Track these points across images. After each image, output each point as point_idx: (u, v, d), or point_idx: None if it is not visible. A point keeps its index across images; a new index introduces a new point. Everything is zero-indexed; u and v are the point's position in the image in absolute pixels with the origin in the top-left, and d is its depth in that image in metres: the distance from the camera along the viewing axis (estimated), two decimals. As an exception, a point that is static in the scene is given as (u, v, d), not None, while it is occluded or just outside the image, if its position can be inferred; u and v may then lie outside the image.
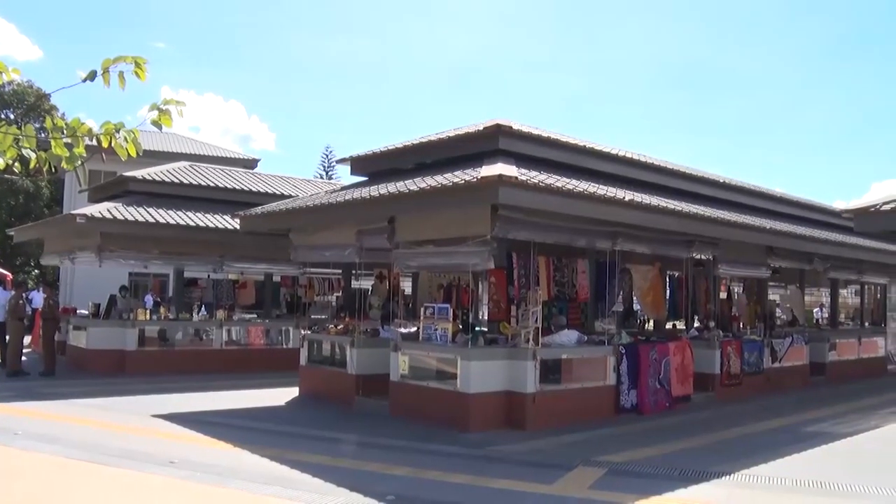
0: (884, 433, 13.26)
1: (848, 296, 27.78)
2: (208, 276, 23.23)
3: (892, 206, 12.64)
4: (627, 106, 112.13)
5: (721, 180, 18.96)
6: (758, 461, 10.30)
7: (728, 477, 9.44)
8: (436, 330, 12.81)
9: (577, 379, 12.96)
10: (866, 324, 24.96)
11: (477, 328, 12.88)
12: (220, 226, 19.28)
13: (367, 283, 20.94)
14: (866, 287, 25.24)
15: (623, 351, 13.72)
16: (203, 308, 21.22)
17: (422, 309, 13.79)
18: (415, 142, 15.57)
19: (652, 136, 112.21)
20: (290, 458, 9.81)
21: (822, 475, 9.76)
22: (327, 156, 67.85)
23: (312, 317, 21.14)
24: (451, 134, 14.73)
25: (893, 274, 23.32)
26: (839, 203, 13.53)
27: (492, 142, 13.58)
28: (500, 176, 11.00)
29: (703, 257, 16.30)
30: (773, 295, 24.39)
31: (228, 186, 21.39)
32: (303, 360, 16.12)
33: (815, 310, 28.39)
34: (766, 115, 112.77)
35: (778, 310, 23.67)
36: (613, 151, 15.92)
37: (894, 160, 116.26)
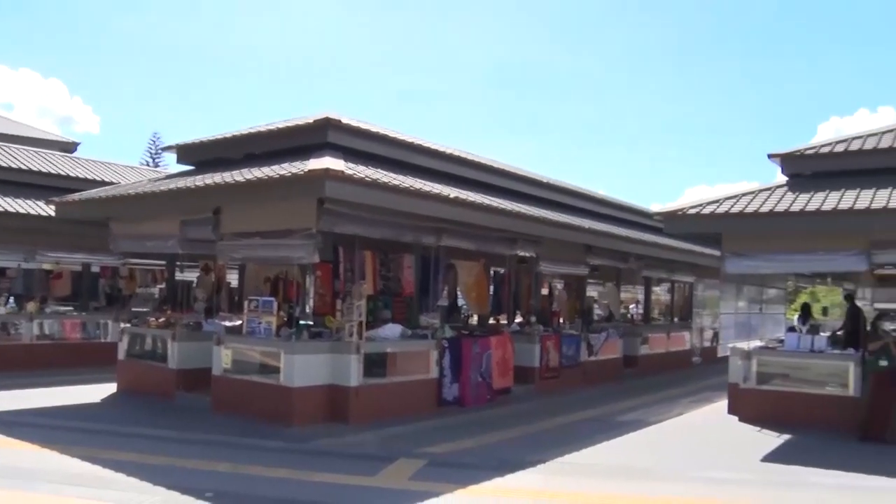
0: (686, 420, 14.20)
1: (661, 293, 29.32)
2: (19, 265, 21.83)
3: (696, 210, 13.54)
4: (460, 104, 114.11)
5: (545, 180, 19.66)
6: (572, 449, 10.80)
7: (543, 465, 9.85)
8: (260, 323, 12.65)
9: (400, 372, 13.09)
10: (675, 319, 26.54)
11: (301, 322, 12.80)
12: (32, 212, 18.17)
13: (192, 275, 20.33)
14: (676, 285, 26.82)
15: (446, 345, 13.99)
16: (11, 300, 19.92)
17: (246, 302, 13.58)
18: (244, 132, 15.28)
19: (482, 134, 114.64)
20: (104, 456, 9.40)
21: (630, 461, 10.41)
22: (154, 142, 65.12)
23: (133, 309, 20.26)
24: (281, 126, 14.55)
25: (700, 273, 24.90)
26: (656, 206, 14.51)
27: (321, 135, 13.52)
28: (326, 170, 10.98)
29: (526, 255, 16.85)
30: (592, 292, 25.47)
31: (43, 170, 20.15)
32: (121, 354, 15.50)
33: (630, 306, 29.88)
34: (591, 118, 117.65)
35: (596, 306, 24.77)
36: (441, 149, 16.20)
37: (705, 167, 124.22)
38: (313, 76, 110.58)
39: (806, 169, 14.57)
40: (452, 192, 13.60)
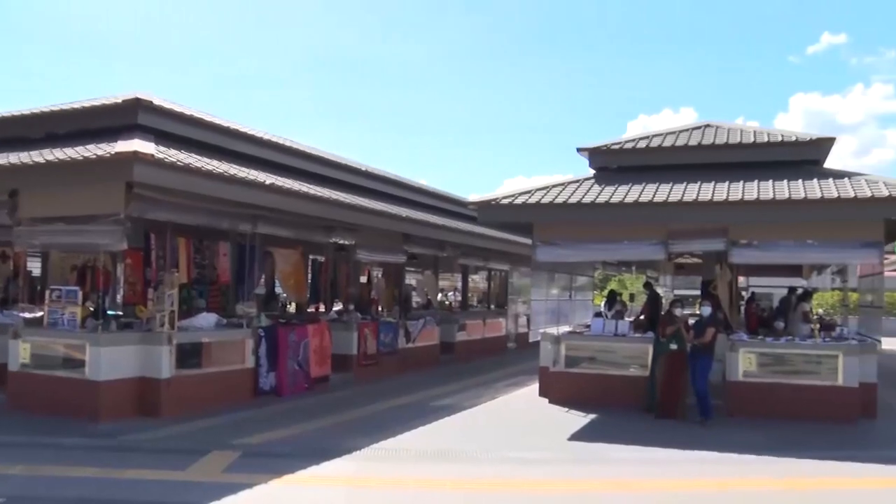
0: (499, 403, 14.62)
1: (479, 281, 30.04)
2: None
3: (509, 200, 13.97)
4: (282, 90, 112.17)
5: (364, 169, 19.66)
6: (388, 435, 10.91)
7: (359, 451, 9.91)
8: (63, 314, 11.97)
9: (215, 363, 12.76)
10: (492, 306, 27.29)
11: (110, 312, 12.22)
12: None
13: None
14: (492, 273, 27.58)
15: (262, 334, 13.78)
16: None
17: (48, 292, 12.81)
18: (45, 110, 14.33)
19: (304, 121, 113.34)
20: None
21: (444, 444, 10.65)
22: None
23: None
24: (87, 105, 13.74)
25: (514, 261, 25.71)
26: (475, 196, 14.79)
27: (130, 116, 12.89)
28: (135, 152, 10.52)
29: (344, 242, 16.83)
30: (411, 279, 25.77)
31: None
32: None
33: (449, 293, 30.46)
34: (416, 108, 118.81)
35: (414, 293, 25.08)
36: (259, 135, 15.87)
37: (524, 159, 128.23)
38: (125, 56, 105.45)
39: (612, 163, 15.34)
40: (269, 178, 13.37)
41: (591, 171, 15.32)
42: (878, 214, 12.70)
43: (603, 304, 19.67)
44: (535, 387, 15.07)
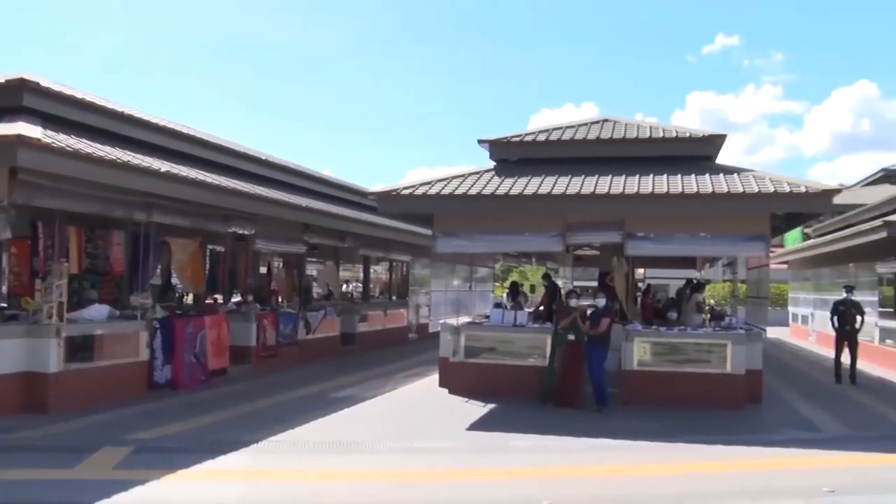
0: (399, 394, 14.63)
1: (381, 271, 29.97)
2: None
3: (410, 191, 13.96)
4: (182, 76, 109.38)
5: (263, 157, 19.36)
6: (286, 427, 10.80)
7: (257, 444, 9.77)
8: (-59, 307, 11.38)
9: (107, 356, 12.37)
10: (393, 297, 27.27)
11: (-7, 303, 11.70)
12: None
13: None
14: (394, 263, 27.56)
15: (157, 326, 13.43)
16: None
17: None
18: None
19: (206, 108, 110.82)
20: None
21: (343, 436, 10.59)
22: None
23: None
24: (-34, 85, 13.07)
25: (416, 252, 25.74)
26: (378, 187, 14.68)
27: (15, 97, 12.27)
28: (19, 136, 10.05)
29: (243, 232, 16.53)
30: (312, 270, 25.54)
31: None
32: None
33: (351, 284, 30.29)
34: (321, 98, 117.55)
35: (315, 284, 24.86)
36: (155, 120, 15.41)
37: (428, 150, 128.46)
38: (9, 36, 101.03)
39: (512, 155, 15.48)
40: (164, 166, 13.02)
41: (492, 164, 15.44)
42: (765, 209, 13.23)
43: (505, 295, 19.91)
44: (436, 377, 15.16)
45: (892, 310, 23.97)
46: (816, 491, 8.16)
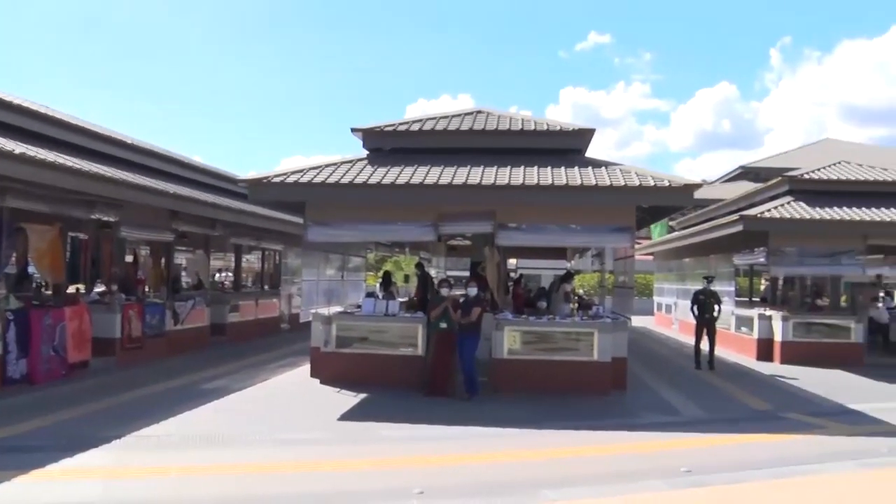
0: (270, 385, 14.41)
1: (254, 260, 29.37)
2: None
3: (281, 178, 13.74)
4: (35, 54, 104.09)
5: (129, 142, 18.64)
6: (152, 422, 10.46)
7: (119, 440, 9.43)
8: None
9: (-45, 350, 11.69)
10: (266, 287, 26.78)
11: None
12: None
13: None
14: (266, 252, 27.05)
15: (11, 317, 12.74)
16: None
17: None
18: None
19: (69, 92, 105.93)
20: None
21: (211, 429, 10.37)
22: None
23: None
24: None
25: (289, 241, 25.37)
26: (253, 174, 14.31)
27: None
28: None
29: (107, 219, 15.88)
30: (181, 259, 24.79)
31: None
32: None
33: (222, 273, 29.56)
34: (193, 83, 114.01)
35: (184, 273, 24.14)
36: (9, 99, 14.58)
37: (304, 138, 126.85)
38: None
39: (386, 144, 15.44)
40: (19, 147, 12.33)
41: (366, 153, 15.35)
42: (630, 201, 13.68)
43: (378, 284, 19.88)
44: (307, 368, 15.01)
45: (747, 299, 25.22)
46: (675, 471, 8.56)
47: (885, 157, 37.64)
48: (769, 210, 19.07)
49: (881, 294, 24.29)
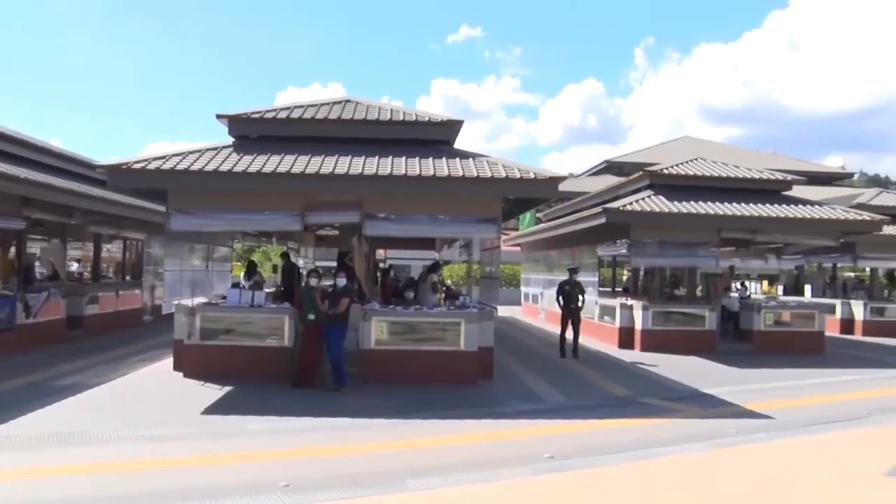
0: (130, 380, 13.90)
1: (115, 250, 28.26)
2: None
3: (142, 165, 13.25)
4: None
5: (-25, 124, 17.59)
6: (1, 421, 9.92)
7: (-38, 441, 8.89)
8: None
9: None
10: (127, 277, 25.82)
11: None
12: None
13: None
14: (128, 242, 26.07)
15: None
16: None
17: None
18: None
19: None
20: None
21: (67, 426, 9.92)
22: None
23: None
24: None
25: (152, 230, 24.53)
26: (114, 160, 13.66)
27: None
28: None
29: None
30: (35, 248, 23.61)
31: None
32: None
33: (80, 263, 28.32)
34: (48, 62, 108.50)
35: (38, 263, 22.99)
36: None
37: (170, 124, 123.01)
38: None
39: (253, 132, 15.12)
40: None
41: (232, 140, 14.99)
42: (497, 193, 13.91)
43: (242, 274, 19.51)
44: (170, 361, 14.61)
45: (610, 289, 26.07)
46: (539, 457, 8.80)
47: (738, 155, 39.82)
48: (630, 203, 19.73)
49: (735, 284, 25.52)
